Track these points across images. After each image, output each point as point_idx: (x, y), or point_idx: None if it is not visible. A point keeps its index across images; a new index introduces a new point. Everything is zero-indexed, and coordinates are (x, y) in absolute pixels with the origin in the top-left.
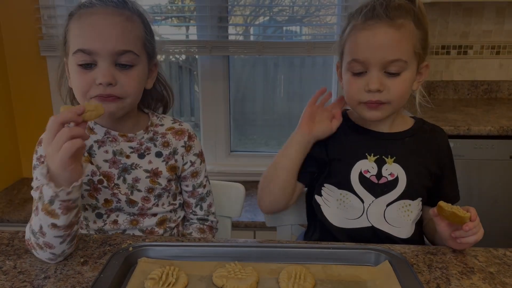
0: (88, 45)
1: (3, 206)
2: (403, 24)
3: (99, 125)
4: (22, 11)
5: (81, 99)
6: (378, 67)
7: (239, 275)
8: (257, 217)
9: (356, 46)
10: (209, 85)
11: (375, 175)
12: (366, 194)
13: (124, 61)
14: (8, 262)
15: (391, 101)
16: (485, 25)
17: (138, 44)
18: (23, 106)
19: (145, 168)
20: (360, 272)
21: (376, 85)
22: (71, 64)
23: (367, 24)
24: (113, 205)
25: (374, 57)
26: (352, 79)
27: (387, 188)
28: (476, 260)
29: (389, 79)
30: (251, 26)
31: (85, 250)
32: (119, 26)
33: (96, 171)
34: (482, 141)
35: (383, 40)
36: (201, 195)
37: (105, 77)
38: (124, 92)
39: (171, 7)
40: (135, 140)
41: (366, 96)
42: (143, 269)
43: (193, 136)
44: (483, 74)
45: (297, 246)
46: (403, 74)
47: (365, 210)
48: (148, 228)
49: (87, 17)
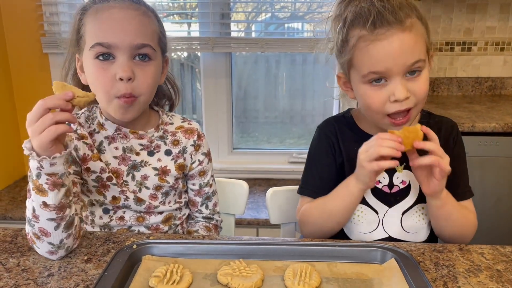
0: (107, 39)
1: (6, 204)
2: (412, 23)
3: (110, 121)
4: (24, 8)
5: (103, 98)
6: (401, 74)
7: (244, 273)
8: (260, 214)
9: (372, 58)
10: (212, 82)
11: (387, 185)
12: (379, 204)
13: (142, 53)
14: (12, 260)
15: (417, 103)
16: (489, 22)
17: (155, 38)
18: (26, 103)
19: (154, 165)
20: (366, 270)
21: (404, 93)
22: (88, 59)
23: (378, 33)
24: (120, 202)
25: (396, 65)
26: (372, 91)
27: (400, 196)
28: (483, 257)
29: (412, 82)
30: (253, 23)
31: (88, 248)
32: (137, 19)
33: (105, 168)
34: (487, 138)
35: (401, 46)
36: (207, 194)
37: (125, 72)
38: (140, 91)
39: (172, 4)
40: (145, 137)
41: (393, 107)
42: (148, 267)
43: (202, 135)
44: (487, 70)
45: (302, 243)
46: (423, 72)
47: (380, 221)
48: (153, 225)
49: (105, 11)
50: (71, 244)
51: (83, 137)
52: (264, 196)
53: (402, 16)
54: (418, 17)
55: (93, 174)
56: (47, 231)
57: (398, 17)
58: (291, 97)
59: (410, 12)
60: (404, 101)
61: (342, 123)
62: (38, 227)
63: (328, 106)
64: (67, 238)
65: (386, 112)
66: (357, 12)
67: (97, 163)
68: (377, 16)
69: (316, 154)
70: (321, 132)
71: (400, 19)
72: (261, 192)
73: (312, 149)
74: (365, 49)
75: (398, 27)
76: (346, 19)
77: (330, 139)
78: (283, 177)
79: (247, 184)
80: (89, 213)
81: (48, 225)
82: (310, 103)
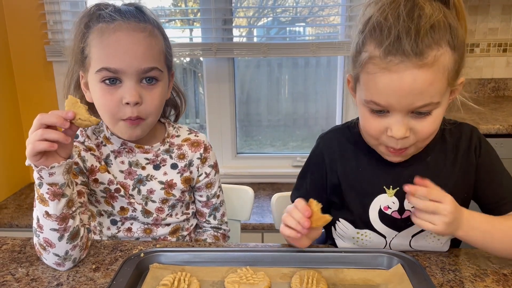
0: (113, 64)
1: (12, 211)
2: (437, 57)
3: (115, 136)
4: (28, 17)
5: (110, 121)
6: (404, 112)
7: (251, 280)
8: (265, 219)
9: (376, 88)
10: (215, 87)
11: (397, 210)
12: (387, 230)
13: (149, 77)
14: (21, 270)
15: (416, 143)
16: (491, 23)
17: (161, 59)
18: (30, 111)
19: (160, 179)
20: (372, 275)
21: (401, 133)
22: (93, 80)
23: (391, 62)
24: (128, 213)
25: (399, 104)
26: (371, 116)
27: (411, 221)
28: (489, 262)
29: (416, 120)
30: (256, 28)
31: (96, 256)
32: (144, 42)
33: (113, 180)
34: (491, 139)
35: (411, 86)
36: (215, 205)
37: (133, 96)
38: (148, 112)
39: (174, 10)
40: (151, 151)
41: (388, 141)
42: (155, 275)
43: (209, 147)
44: (490, 72)
45: (309, 250)
46: (433, 112)
47: (387, 243)
48: (161, 237)
49: (111, 34)
50: (78, 256)
51: (90, 149)
52: (268, 200)
53: (424, 48)
54: (451, 45)
55: (101, 185)
56: (52, 242)
57: (419, 49)
58: (293, 100)
59: (440, 39)
60: (400, 140)
61: (344, 136)
62: (43, 238)
63: (331, 108)
64: (73, 250)
65: (381, 143)
66: (379, 22)
67: (105, 175)
68: (394, 41)
69: (310, 165)
70: (320, 145)
71: (421, 51)
72: (266, 196)
73: (309, 159)
74: (372, 75)
75: (415, 62)
76: (368, 22)
77: (327, 155)
78: (287, 181)
79: (252, 190)
80: (97, 224)
81: (52, 236)
82: (313, 106)
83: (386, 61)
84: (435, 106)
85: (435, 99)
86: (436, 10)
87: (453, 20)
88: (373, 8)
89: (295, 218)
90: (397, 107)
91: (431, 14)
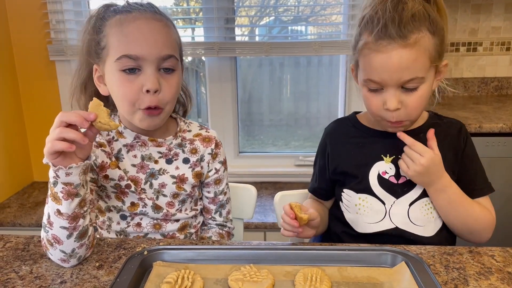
0: (134, 51)
1: (15, 210)
2: (418, 39)
3: (128, 130)
4: (31, 16)
5: (128, 109)
6: (395, 86)
7: (254, 278)
8: (267, 218)
9: (370, 67)
10: (217, 86)
11: (394, 175)
12: (386, 195)
13: (168, 65)
14: (25, 267)
15: (409, 118)
16: (494, 22)
17: (177, 49)
18: (33, 111)
19: (172, 173)
20: (376, 273)
21: (394, 105)
22: (112, 70)
23: (380, 45)
24: (138, 209)
25: (390, 79)
26: (370, 95)
27: (407, 188)
28: (493, 260)
29: (406, 95)
30: (258, 27)
31: (100, 254)
32: (163, 31)
33: (123, 176)
34: (494, 138)
35: (399, 62)
36: (222, 202)
37: (153, 84)
38: (166, 100)
39: (176, 9)
40: (164, 145)
41: (385, 115)
42: (159, 273)
43: (220, 143)
44: (493, 70)
45: (312, 248)
46: (420, 88)
47: (387, 211)
48: (169, 233)
49: (131, 22)
50: (83, 254)
51: (101, 145)
52: (271, 199)
53: (407, 32)
54: (431, 30)
55: (111, 181)
56: (60, 239)
57: (402, 33)
58: (295, 99)
59: (420, 25)
60: (395, 112)
61: (344, 123)
62: (51, 234)
63: (333, 108)
64: (80, 248)
65: (381, 117)
66: (371, 16)
67: (115, 171)
68: (382, 28)
69: (317, 153)
70: (324, 135)
71: (404, 34)
72: (268, 195)
73: (317, 148)
74: (367, 57)
75: (400, 43)
76: (363, 19)
77: (329, 142)
78: (290, 180)
79: (255, 188)
80: (106, 219)
81: (61, 233)
82: (315, 105)
83: (377, 44)
84: (421, 81)
85: (419, 74)
86: (416, 3)
87: (432, 11)
88: (368, 8)
89: (286, 222)
90: (389, 82)
91: (412, 6)
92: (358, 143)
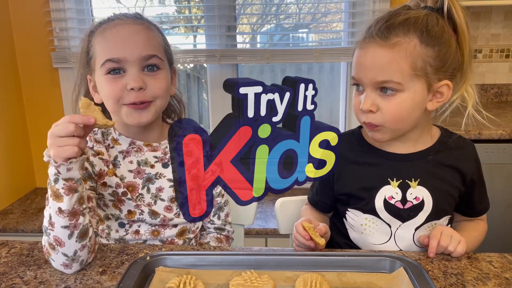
0: (116, 54)
1: (18, 216)
2: (400, 42)
3: (123, 136)
4: (34, 24)
5: (113, 106)
6: (371, 87)
7: (255, 283)
8: (268, 224)
9: (353, 63)
10: (218, 93)
11: (400, 200)
12: (392, 219)
13: (151, 63)
14: (29, 273)
15: (384, 124)
16: (493, 29)
17: (161, 49)
18: (36, 117)
19: (169, 177)
20: (375, 279)
21: (366, 105)
22: (99, 76)
23: (364, 42)
24: (135, 217)
25: (365, 77)
26: (354, 94)
27: (413, 212)
28: (491, 266)
29: (383, 99)
30: (259, 34)
31: (103, 260)
32: (142, 33)
33: (120, 183)
34: (494, 145)
35: (372, 60)
36: (219, 205)
37: (136, 81)
38: (154, 94)
39: (178, 16)
40: (159, 149)
41: (361, 116)
42: (161, 278)
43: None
44: (493, 77)
45: (312, 253)
46: (398, 95)
47: (393, 234)
48: (168, 239)
49: (111, 28)
50: (85, 257)
51: (99, 153)
52: (272, 205)
53: (388, 33)
54: (422, 39)
55: (109, 188)
56: (61, 241)
57: (383, 33)
58: None
59: (409, 31)
60: (369, 114)
61: (349, 141)
62: (53, 236)
63: (334, 114)
64: (81, 250)
65: (359, 118)
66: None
67: (112, 178)
68: (369, 28)
69: None
70: None
71: (384, 35)
72: (269, 201)
73: None
74: (354, 53)
75: (379, 41)
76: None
77: None
78: None
79: None
80: (106, 227)
81: (62, 233)
82: (316, 111)
83: (361, 42)
84: (397, 86)
85: (395, 77)
86: (422, 13)
87: (434, 24)
88: None
89: (301, 242)
90: (364, 79)
91: (414, 14)
92: (364, 163)
